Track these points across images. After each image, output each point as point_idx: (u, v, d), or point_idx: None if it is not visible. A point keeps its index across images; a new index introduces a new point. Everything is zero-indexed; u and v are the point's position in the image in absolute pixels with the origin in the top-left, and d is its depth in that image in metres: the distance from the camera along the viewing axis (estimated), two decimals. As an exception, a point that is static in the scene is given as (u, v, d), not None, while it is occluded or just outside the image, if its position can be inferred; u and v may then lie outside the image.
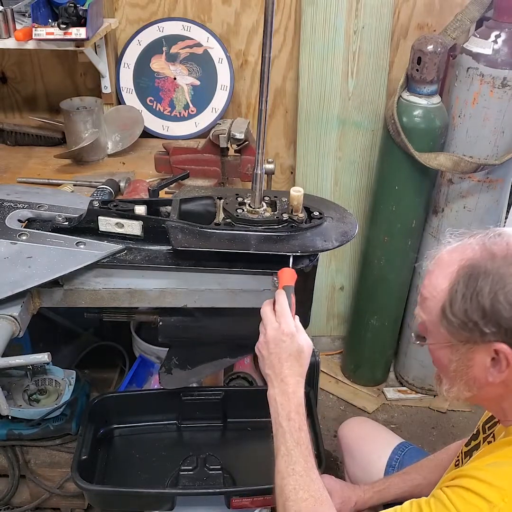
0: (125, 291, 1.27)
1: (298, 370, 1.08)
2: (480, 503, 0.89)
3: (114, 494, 1.46)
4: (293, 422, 1.04)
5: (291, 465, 1.02)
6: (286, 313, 1.09)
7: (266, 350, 1.09)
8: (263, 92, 1.13)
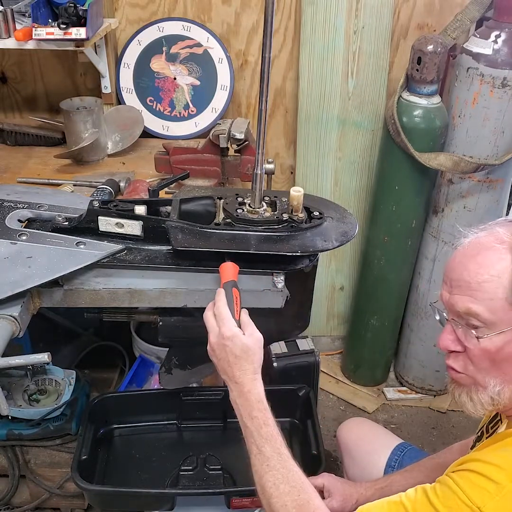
0: (125, 291, 1.27)
1: (249, 368, 1.07)
2: (488, 485, 0.89)
3: (114, 494, 1.46)
4: (256, 420, 1.04)
5: (265, 462, 1.02)
6: (224, 316, 1.09)
7: (215, 358, 1.11)
8: (263, 92, 1.13)
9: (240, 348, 1.07)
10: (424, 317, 2.32)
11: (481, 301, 0.95)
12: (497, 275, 0.94)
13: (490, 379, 0.99)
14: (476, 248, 0.98)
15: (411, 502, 0.95)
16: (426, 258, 2.24)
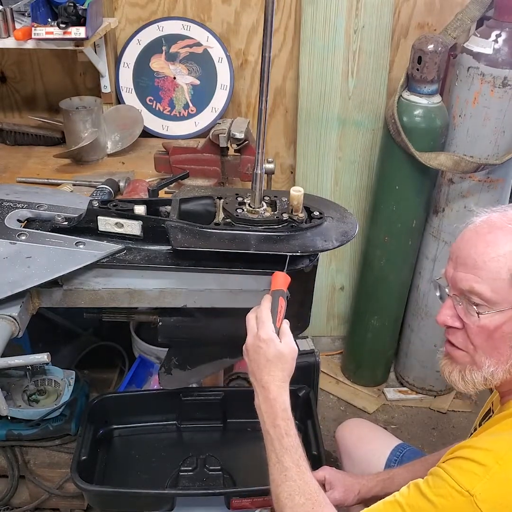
0: (124, 291, 1.27)
1: (278, 375, 1.06)
2: (476, 468, 0.90)
3: (114, 494, 1.46)
4: (278, 429, 1.03)
5: (283, 471, 1.01)
6: (265, 319, 1.08)
7: (247, 358, 1.10)
8: (263, 91, 1.13)
9: (274, 353, 1.06)
10: (425, 317, 2.31)
11: (485, 280, 0.97)
12: (503, 255, 0.96)
13: (486, 359, 1.01)
14: (488, 226, 1.00)
15: (405, 497, 0.96)
16: (427, 258, 2.24)
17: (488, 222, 1.00)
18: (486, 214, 1.02)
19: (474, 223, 1.03)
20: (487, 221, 1.01)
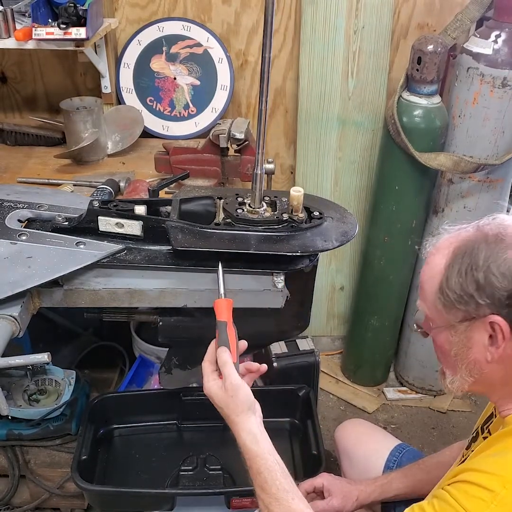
0: (125, 291, 1.27)
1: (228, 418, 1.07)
2: (483, 494, 0.89)
3: (114, 494, 1.46)
4: (250, 470, 1.06)
5: (265, 508, 1.02)
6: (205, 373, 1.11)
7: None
8: (263, 92, 1.13)
9: (216, 402, 1.09)
10: (424, 317, 2.31)
11: (423, 300, 1.05)
12: (432, 277, 1.01)
13: (446, 369, 1.07)
14: (435, 248, 1.05)
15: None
16: (426, 258, 2.24)
17: (435, 245, 1.05)
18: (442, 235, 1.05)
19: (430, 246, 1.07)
20: (435, 244, 1.05)
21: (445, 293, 0.98)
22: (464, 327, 0.99)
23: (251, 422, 1.06)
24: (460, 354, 1.01)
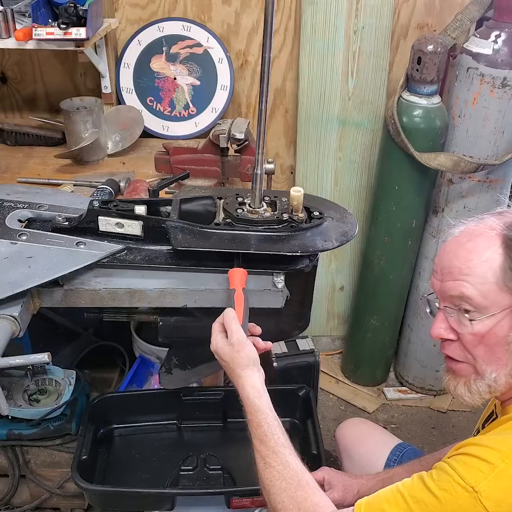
0: (125, 291, 1.27)
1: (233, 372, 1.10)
2: (482, 465, 0.90)
3: (114, 494, 1.46)
4: (251, 423, 1.07)
5: (262, 460, 1.04)
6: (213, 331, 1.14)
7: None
8: (263, 92, 1.13)
9: (222, 358, 1.11)
10: (424, 317, 2.32)
11: (473, 284, 0.98)
12: (486, 260, 0.97)
13: (487, 366, 1.01)
14: (467, 235, 1.02)
15: (407, 488, 0.96)
16: (426, 258, 2.24)
17: (466, 232, 1.03)
18: (463, 225, 1.05)
19: (453, 235, 1.05)
20: (465, 231, 1.03)
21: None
22: None
23: (255, 377, 1.09)
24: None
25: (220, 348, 1.11)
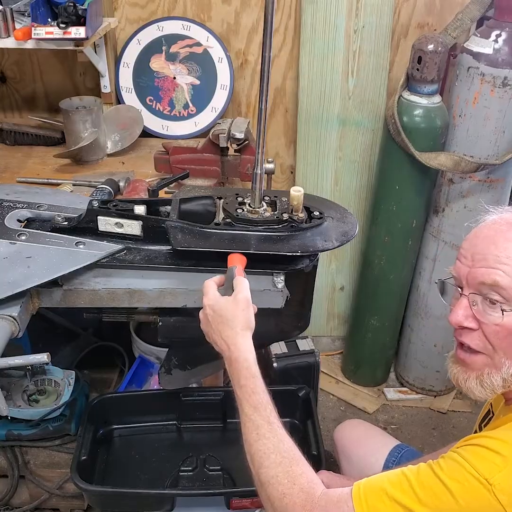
0: (124, 291, 1.27)
1: (230, 334, 1.05)
2: (495, 458, 0.89)
3: (114, 494, 1.46)
4: (244, 388, 1.02)
5: (255, 430, 0.99)
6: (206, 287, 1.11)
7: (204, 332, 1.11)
8: (263, 91, 1.13)
9: (219, 314, 1.06)
10: (425, 317, 2.31)
11: (509, 275, 0.94)
12: None
13: (507, 359, 0.98)
14: (506, 223, 0.98)
15: (414, 474, 0.93)
16: (427, 258, 2.24)
17: (505, 220, 0.99)
18: (497, 214, 1.02)
19: (486, 222, 1.01)
20: (503, 219, 0.99)
21: None
22: None
23: (251, 343, 1.05)
24: None
25: (220, 303, 1.06)
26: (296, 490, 0.94)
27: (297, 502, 0.93)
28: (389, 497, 0.91)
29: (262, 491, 0.97)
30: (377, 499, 0.92)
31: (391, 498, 0.91)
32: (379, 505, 0.91)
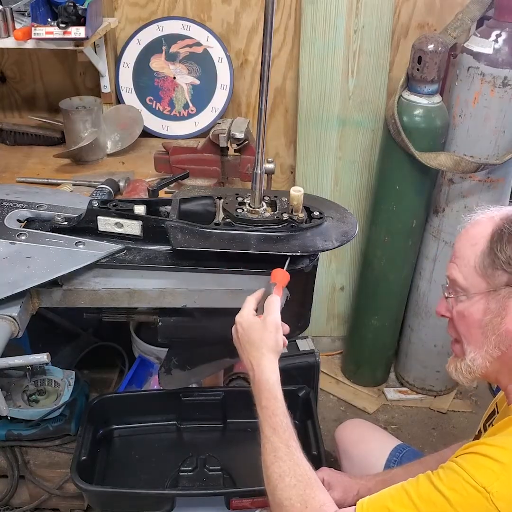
0: (124, 291, 1.27)
1: (256, 355, 1.07)
2: (493, 464, 0.89)
3: (114, 495, 1.46)
4: (265, 410, 1.04)
5: (273, 452, 1.01)
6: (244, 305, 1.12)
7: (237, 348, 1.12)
8: (263, 91, 1.13)
9: (248, 333, 1.08)
10: (425, 317, 2.31)
11: (460, 267, 1.03)
12: (474, 244, 1.01)
13: (468, 345, 1.05)
14: (475, 222, 1.06)
15: (413, 487, 0.94)
16: (427, 258, 2.23)
17: (477, 218, 1.06)
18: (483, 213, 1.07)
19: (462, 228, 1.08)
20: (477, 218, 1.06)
21: (492, 255, 0.98)
22: (505, 292, 0.98)
23: (277, 365, 1.07)
24: (492, 324, 1.00)
25: (250, 322, 1.08)
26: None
27: None
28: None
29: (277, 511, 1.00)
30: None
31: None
32: None
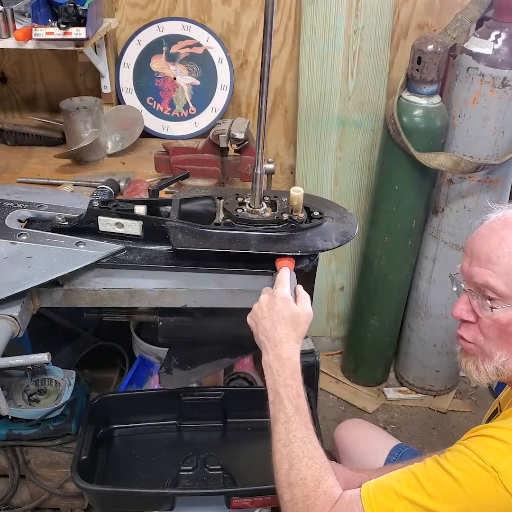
0: (125, 291, 1.27)
1: (292, 335, 1.06)
2: (501, 445, 0.90)
3: (114, 494, 1.46)
4: (290, 389, 1.04)
5: (292, 432, 1.00)
6: (284, 281, 1.10)
7: (258, 317, 1.09)
8: (263, 92, 1.13)
9: (289, 313, 1.06)
10: (424, 317, 2.32)
11: (499, 274, 0.98)
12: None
13: (497, 350, 1.02)
14: (502, 222, 1.01)
15: (421, 469, 0.94)
16: (426, 258, 2.24)
17: (503, 219, 1.02)
18: (502, 211, 1.04)
19: (489, 220, 1.04)
20: (502, 218, 1.02)
21: None
22: None
23: None
24: None
25: (292, 302, 1.07)
26: (319, 493, 0.97)
27: (318, 504, 0.96)
28: (397, 495, 0.93)
29: (287, 491, 0.99)
30: (385, 498, 0.93)
31: (399, 495, 0.92)
32: (388, 503, 0.93)
